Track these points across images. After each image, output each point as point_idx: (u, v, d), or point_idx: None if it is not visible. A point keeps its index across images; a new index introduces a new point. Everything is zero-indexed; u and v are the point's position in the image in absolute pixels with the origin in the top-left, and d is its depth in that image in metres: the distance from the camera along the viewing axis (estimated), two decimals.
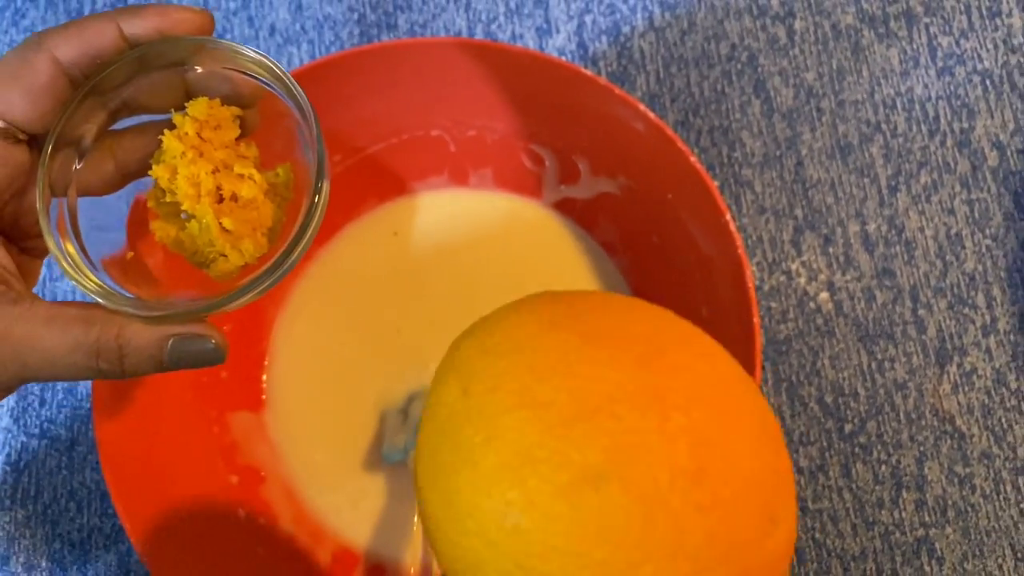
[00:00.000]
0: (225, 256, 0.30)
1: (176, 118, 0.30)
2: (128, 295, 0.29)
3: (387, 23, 0.53)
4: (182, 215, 0.30)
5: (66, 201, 0.30)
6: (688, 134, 0.51)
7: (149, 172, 0.30)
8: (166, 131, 0.30)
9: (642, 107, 0.38)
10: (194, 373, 0.44)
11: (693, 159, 0.38)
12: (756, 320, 0.36)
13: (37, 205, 0.29)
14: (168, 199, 0.30)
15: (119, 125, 0.31)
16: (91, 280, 0.29)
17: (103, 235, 0.31)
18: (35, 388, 0.51)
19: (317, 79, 0.41)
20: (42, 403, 0.51)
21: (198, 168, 0.29)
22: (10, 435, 0.50)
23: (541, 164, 0.46)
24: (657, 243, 0.44)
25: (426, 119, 0.45)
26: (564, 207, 0.47)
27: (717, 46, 0.52)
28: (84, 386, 0.50)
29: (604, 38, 0.52)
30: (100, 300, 0.29)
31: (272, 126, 0.32)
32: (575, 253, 0.47)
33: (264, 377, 0.47)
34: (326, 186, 0.30)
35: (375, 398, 0.46)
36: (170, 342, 0.29)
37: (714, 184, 0.38)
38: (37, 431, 0.50)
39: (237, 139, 0.31)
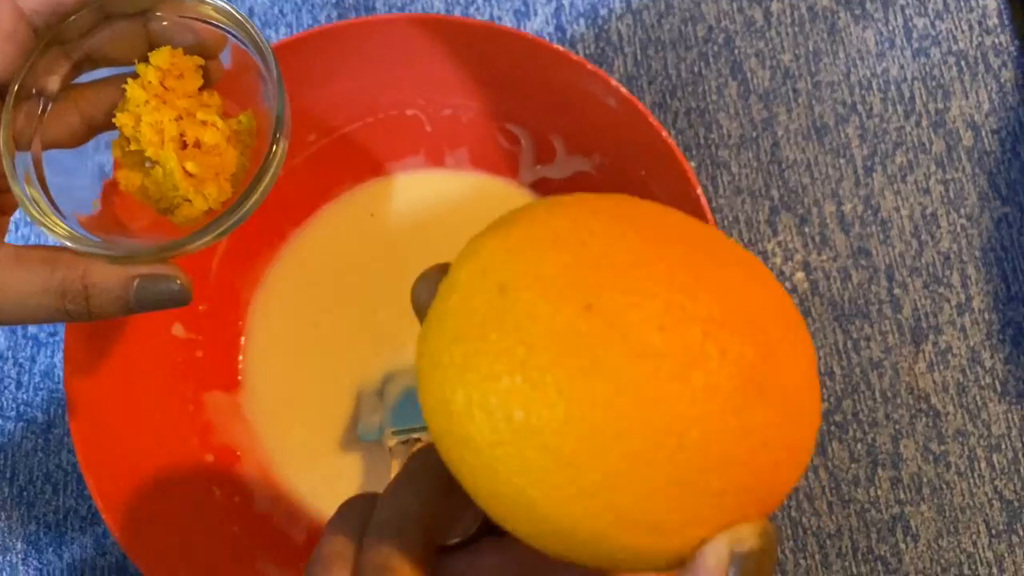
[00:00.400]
0: (189, 201, 0.30)
1: (139, 67, 0.30)
2: (94, 238, 0.30)
3: (365, 5, 0.53)
4: (147, 163, 0.31)
5: (31, 154, 0.30)
6: (665, 116, 0.51)
7: (113, 120, 0.30)
8: (129, 79, 0.30)
9: (614, 82, 0.38)
10: (169, 352, 0.44)
11: (665, 134, 0.38)
12: None
13: (1, 151, 0.29)
14: (132, 147, 0.30)
15: (84, 78, 0.32)
16: (58, 224, 0.29)
17: (70, 187, 0.32)
18: (11, 371, 0.51)
19: (290, 56, 0.40)
20: (19, 386, 0.50)
21: (161, 115, 0.30)
22: None
23: (517, 143, 0.46)
24: None
25: (401, 98, 0.45)
26: (540, 187, 0.47)
27: (694, 28, 0.52)
28: (60, 369, 0.50)
29: (582, 20, 0.52)
30: (67, 243, 0.29)
31: (236, 75, 0.32)
32: None
33: (240, 358, 0.47)
34: (287, 128, 0.30)
35: (351, 378, 0.46)
36: (135, 282, 0.29)
37: (684, 158, 0.38)
38: (13, 413, 0.50)
39: (200, 89, 0.31)
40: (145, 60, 0.31)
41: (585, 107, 0.41)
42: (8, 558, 0.48)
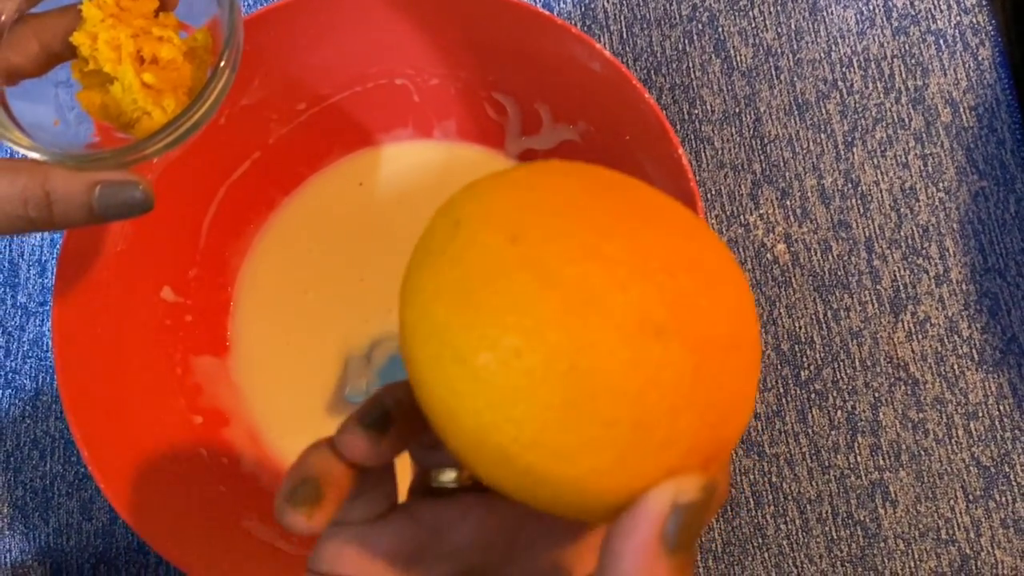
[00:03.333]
0: (148, 114, 0.31)
1: None
2: (56, 150, 0.30)
3: None
4: (106, 83, 0.31)
5: None
6: (650, 92, 0.51)
7: (70, 39, 0.31)
8: (85, 1, 0.31)
9: (597, 46, 0.39)
10: (158, 316, 0.45)
11: (648, 96, 0.39)
12: None
13: None
14: (91, 67, 0.31)
15: (42, 7, 0.32)
16: (20, 137, 0.30)
17: (32, 114, 0.32)
18: (0, 340, 0.51)
19: (280, 23, 0.41)
20: (7, 354, 0.51)
21: (118, 32, 0.31)
22: None
23: (504, 113, 0.47)
24: None
25: (390, 67, 0.45)
26: (526, 158, 0.48)
27: (679, 6, 0.53)
28: (49, 338, 0.51)
29: None
30: (30, 153, 0.30)
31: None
32: None
33: (229, 322, 0.47)
34: (238, 37, 0.31)
35: (339, 345, 0.47)
36: (97, 188, 0.30)
37: (666, 119, 0.39)
38: (1, 381, 0.50)
39: (156, 11, 0.32)
40: None
41: (570, 73, 0.42)
42: None
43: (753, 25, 0.52)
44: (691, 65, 0.52)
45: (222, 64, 0.31)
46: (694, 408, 0.21)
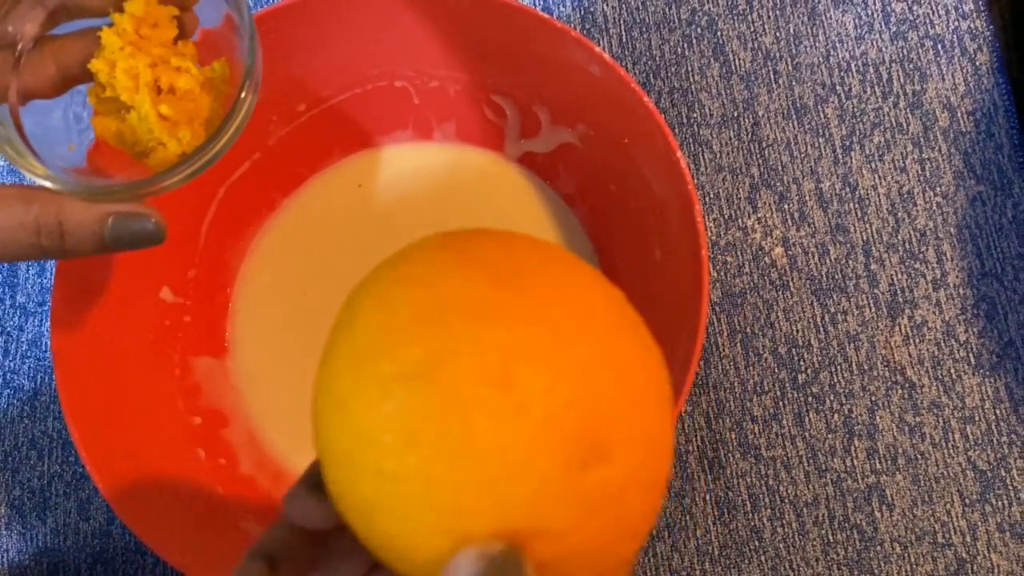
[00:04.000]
0: (164, 144, 0.31)
1: (114, 16, 0.31)
2: (70, 178, 0.30)
3: None
4: (122, 110, 0.31)
5: (7, 105, 0.31)
6: (649, 95, 0.52)
7: (88, 66, 0.31)
8: (104, 27, 0.31)
9: (597, 49, 0.39)
10: (157, 316, 0.45)
11: (647, 99, 0.39)
12: (704, 253, 0.37)
13: None
14: (108, 94, 0.31)
15: (60, 30, 0.32)
16: (35, 165, 0.30)
17: (47, 136, 0.32)
18: None
19: (280, 24, 0.41)
20: (6, 354, 0.51)
21: (136, 61, 0.30)
22: None
23: (503, 116, 0.47)
24: (614, 191, 0.45)
25: (390, 69, 0.45)
26: (526, 160, 0.48)
27: (678, 10, 0.53)
28: (48, 339, 0.51)
29: (568, 2, 0.53)
30: (45, 182, 0.30)
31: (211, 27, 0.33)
32: (537, 205, 0.48)
33: (228, 323, 0.47)
34: (257, 74, 0.31)
35: None
36: (110, 219, 0.30)
37: (665, 122, 0.39)
38: (0, 381, 0.50)
39: (175, 40, 0.32)
40: (120, 10, 0.31)
41: (569, 76, 0.42)
42: None
43: (752, 29, 0.52)
44: (690, 69, 0.52)
45: (241, 96, 0.31)
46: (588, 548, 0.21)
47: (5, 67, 0.31)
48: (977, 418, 0.47)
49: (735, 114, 0.51)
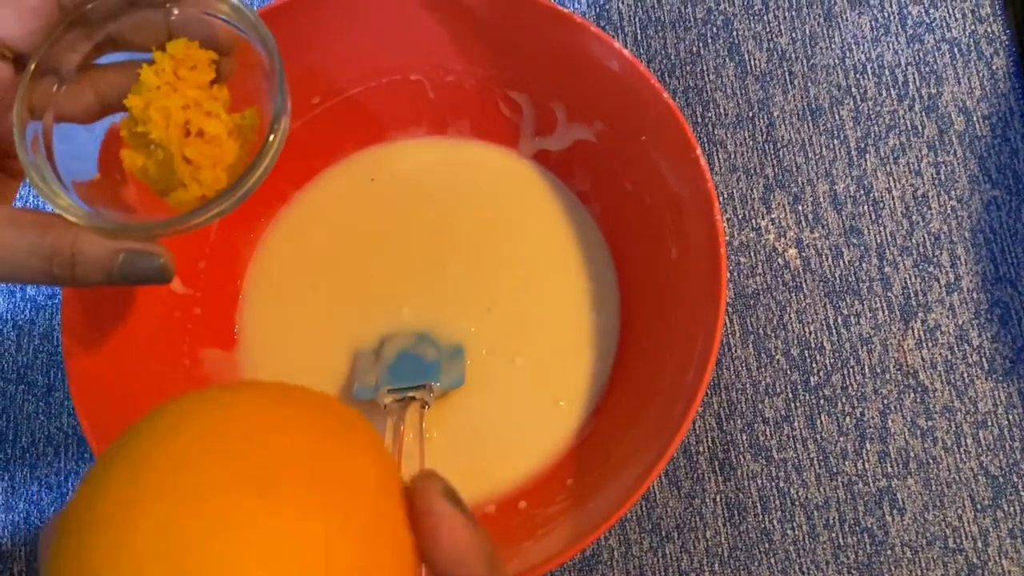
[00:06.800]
0: (184, 186, 0.31)
1: (156, 54, 0.32)
2: (89, 210, 0.31)
3: None
4: (151, 146, 0.32)
5: (42, 124, 0.32)
6: None
7: (124, 101, 0.31)
8: (144, 65, 0.31)
9: (616, 45, 0.39)
10: (167, 307, 0.45)
11: (666, 95, 0.39)
12: (723, 251, 0.37)
13: (13, 119, 0.30)
14: (139, 129, 0.31)
15: (103, 60, 0.33)
16: (58, 195, 0.31)
17: (77, 162, 0.33)
18: (11, 334, 0.51)
19: (297, 15, 0.41)
20: (18, 349, 0.51)
21: (170, 102, 0.31)
22: None
23: (518, 112, 0.47)
24: (630, 189, 0.44)
25: (405, 62, 0.45)
26: (540, 157, 0.48)
27: (693, 9, 0.53)
28: (59, 332, 0.50)
29: (584, 0, 0.53)
30: (64, 213, 0.30)
31: (246, 74, 0.34)
32: (551, 202, 0.48)
33: (237, 316, 0.47)
34: (284, 125, 0.32)
35: (347, 340, 0.46)
36: (121, 256, 0.31)
37: (685, 120, 0.39)
38: (14, 376, 0.50)
39: (211, 83, 0.32)
40: (162, 48, 0.32)
41: (588, 72, 0.42)
42: (11, 517, 0.48)
43: (768, 30, 0.52)
44: (705, 68, 0.52)
45: (267, 143, 0.31)
46: None
47: (47, 90, 0.31)
48: (990, 423, 0.46)
49: (750, 114, 0.51)
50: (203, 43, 0.32)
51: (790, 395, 0.47)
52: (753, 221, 0.50)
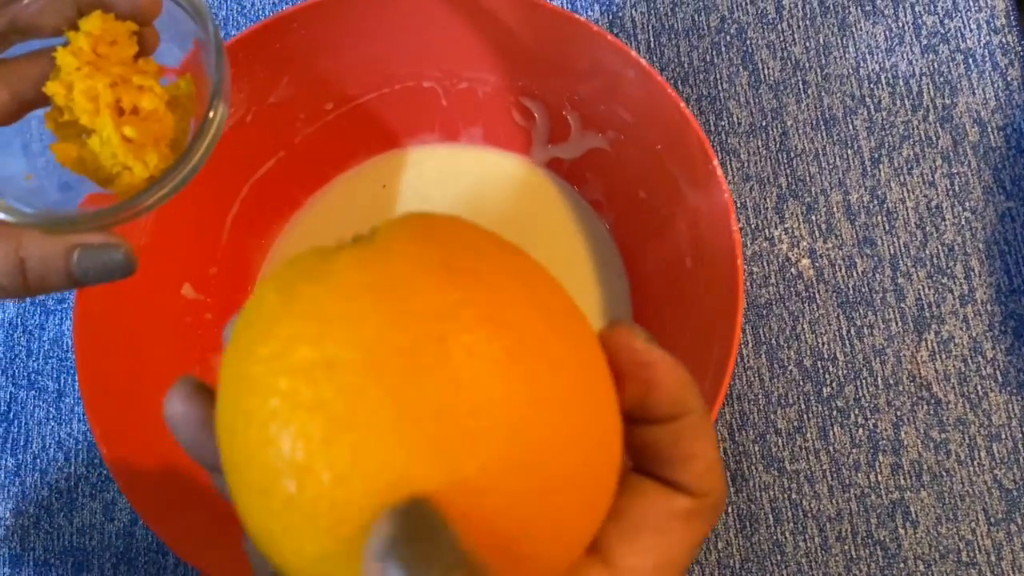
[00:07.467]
0: (129, 168, 0.29)
1: (70, 34, 0.29)
2: (27, 209, 0.28)
3: None
4: (82, 134, 0.29)
5: None
6: None
7: (43, 89, 0.29)
8: (59, 48, 0.29)
9: (633, 54, 0.39)
10: (178, 313, 0.44)
11: (683, 106, 0.38)
12: (740, 262, 0.37)
13: None
14: (66, 117, 0.29)
15: (10, 53, 0.30)
16: None
17: (3, 162, 0.30)
18: (21, 339, 0.51)
19: (309, 22, 0.41)
20: (29, 354, 0.50)
21: (95, 81, 0.28)
22: None
23: (531, 119, 0.47)
24: (644, 198, 0.44)
25: (418, 69, 0.45)
26: (553, 165, 0.48)
27: (707, 18, 0.52)
28: (69, 337, 0.50)
29: (596, 7, 0.53)
30: (1, 215, 0.28)
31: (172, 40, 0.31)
32: (563, 211, 0.48)
33: None
34: (226, 92, 0.29)
35: None
36: (76, 253, 0.28)
37: (702, 130, 0.39)
38: (25, 382, 0.50)
39: (135, 57, 0.30)
40: (75, 27, 0.29)
41: (602, 80, 0.41)
42: (20, 521, 0.48)
43: (781, 39, 0.52)
44: (718, 77, 0.52)
45: (210, 116, 0.29)
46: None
47: None
48: (1004, 436, 0.46)
49: (763, 123, 0.51)
50: (119, 15, 0.29)
51: (803, 406, 0.47)
52: (766, 231, 0.49)
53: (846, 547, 0.45)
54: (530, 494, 0.19)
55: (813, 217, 0.49)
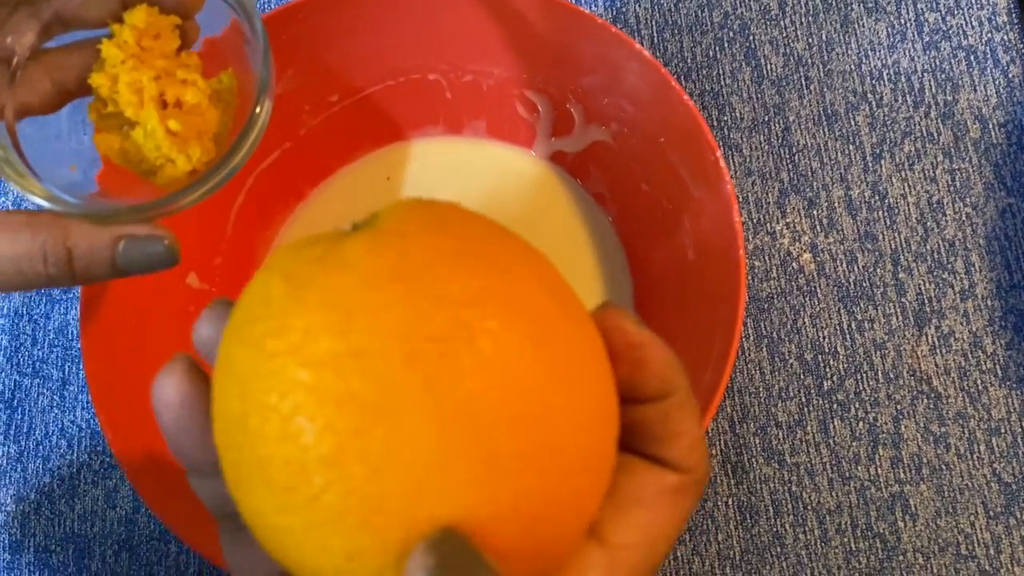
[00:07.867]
0: (172, 161, 0.29)
1: (114, 28, 0.29)
2: (73, 200, 0.28)
3: None
4: (124, 126, 0.30)
5: (4, 123, 0.29)
6: None
7: (88, 81, 0.29)
8: (104, 40, 0.29)
9: (637, 46, 0.39)
10: (182, 302, 0.45)
11: (687, 98, 0.39)
12: (742, 253, 0.37)
13: None
14: (110, 109, 0.29)
15: (55, 42, 0.30)
16: (35, 186, 0.28)
17: (45, 155, 0.30)
18: (27, 328, 0.51)
19: (314, 13, 0.41)
20: (34, 343, 0.51)
21: (140, 74, 0.29)
22: (3, 373, 0.50)
23: (535, 112, 0.47)
24: (647, 190, 0.44)
25: (424, 61, 0.45)
26: (557, 158, 0.48)
27: (710, 13, 0.53)
28: (74, 326, 0.50)
29: (600, 2, 0.53)
30: (46, 204, 0.28)
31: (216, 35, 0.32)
32: (566, 203, 0.48)
33: None
34: (271, 88, 0.29)
35: None
36: (122, 243, 0.28)
37: (705, 123, 0.39)
38: (29, 370, 0.50)
39: (178, 49, 0.30)
40: (119, 20, 0.29)
41: (606, 73, 0.42)
42: (22, 507, 0.48)
43: (784, 35, 0.52)
44: (721, 72, 0.52)
45: (256, 111, 0.29)
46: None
47: (1, 83, 0.29)
48: (1003, 430, 0.46)
49: (766, 119, 0.51)
50: (163, 9, 0.30)
51: (803, 399, 0.47)
52: (768, 225, 0.50)
53: (846, 539, 0.46)
54: (555, 476, 0.19)
55: (815, 212, 0.50)
